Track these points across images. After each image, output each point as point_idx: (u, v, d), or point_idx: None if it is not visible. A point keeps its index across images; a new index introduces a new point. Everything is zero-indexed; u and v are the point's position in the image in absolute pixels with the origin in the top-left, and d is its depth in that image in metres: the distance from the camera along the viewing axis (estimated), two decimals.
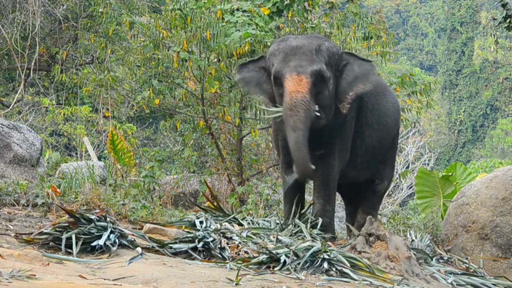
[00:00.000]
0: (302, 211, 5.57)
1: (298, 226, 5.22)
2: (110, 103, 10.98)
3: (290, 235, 5.08)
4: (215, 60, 8.05)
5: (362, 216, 6.07)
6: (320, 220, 5.39)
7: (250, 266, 4.23)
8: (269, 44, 7.55)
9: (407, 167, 19.07)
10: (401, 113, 6.77)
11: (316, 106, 5.12)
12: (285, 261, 4.27)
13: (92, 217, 4.51)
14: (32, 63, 12.24)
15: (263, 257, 4.33)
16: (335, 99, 5.33)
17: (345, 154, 5.64)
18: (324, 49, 5.25)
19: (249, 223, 5.51)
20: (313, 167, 5.06)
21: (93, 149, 11.83)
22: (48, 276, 3.41)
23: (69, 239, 4.28)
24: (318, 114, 5.11)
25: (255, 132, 8.35)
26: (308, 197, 7.36)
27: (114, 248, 4.29)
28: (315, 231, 5.20)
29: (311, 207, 5.70)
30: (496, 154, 28.80)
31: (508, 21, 12.51)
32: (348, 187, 6.30)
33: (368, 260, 4.57)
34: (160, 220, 5.69)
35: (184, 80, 8.37)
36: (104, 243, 4.29)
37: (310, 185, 7.87)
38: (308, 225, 5.28)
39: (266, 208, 7.46)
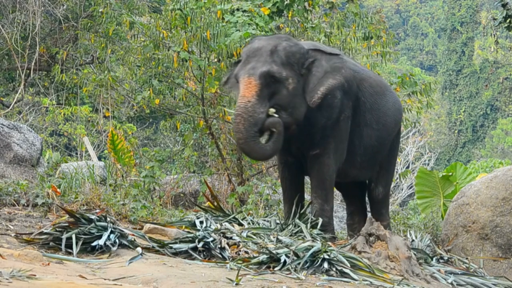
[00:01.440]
0: (302, 211, 5.57)
1: (298, 226, 5.22)
2: (110, 103, 10.98)
3: (290, 235, 5.07)
4: (215, 60, 8.05)
5: None
6: (320, 220, 5.39)
7: (250, 266, 4.23)
8: None
9: (407, 167, 19.07)
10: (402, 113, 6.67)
11: (272, 109, 5.20)
12: (285, 261, 4.26)
13: (92, 217, 4.51)
14: (32, 63, 12.23)
15: (263, 257, 4.33)
16: (306, 96, 5.33)
17: (341, 154, 5.63)
18: (281, 49, 5.28)
19: (249, 223, 5.50)
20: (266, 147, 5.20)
21: (93, 149, 11.83)
22: (48, 276, 3.41)
23: (69, 239, 4.28)
24: (276, 115, 5.19)
25: None
26: (308, 197, 7.36)
27: (114, 248, 4.29)
28: (315, 231, 5.20)
29: (310, 206, 5.68)
30: (496, 154, 28.80)
31: (508, 21, 12.50)
32: (350, 186, 6.30)
33: (368, 260, 4.57)
34: (160, 220, 5.69)
35: (184, 80, 8.37)
36: (104, 243, 4.29)
37: (308, 185, 7.87)
38: (309, 225, 5.28)
39: (266, 208, 7.46)
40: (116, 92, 9.53)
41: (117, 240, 4.36)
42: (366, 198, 6.42)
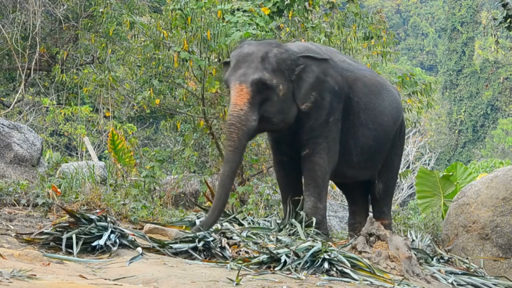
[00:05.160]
0: (297, 210, 5.55)
1: (295, 226, 5.22)
2: (110, 103, 10.98)
3: (289, 235, 5.08)
4: (216, 60, 8.06)
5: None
6: (314, 220, 5.37)
7: (251, 266, 4.24)
8: None
9: (408, 167, 19.06)
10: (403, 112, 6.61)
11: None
12: (285, 261, 4.27)
13: (93, 217, 4.51)
14: (33, 63, 12.23)
15: (263, 257, 4.33)
16: (297, 101, 5.37)
17: (334, 154, 5.62)
18: (272, 55, 5.28)
19: (249, 223, 5.51)
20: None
21: (94, 149, 11.84)
22: (49, 276, 3.41)
23: (69, 239, 4.28)
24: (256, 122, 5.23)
25: None
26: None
27: (115, 248, 4.29)
28: (311, 231, 5.20)
29: (303, 204, 5.64)
30: (496, 154, 28.80)
31: (508, 21, 12.49)
32: (351, 186, 6.30)
33: (369, 260, 4.57)
34: (160, 220, 5.69)
35: (184, 80, 8.37)
36: (105, 243, 4.29)
37: None
38: (303, 224, 5.26)
39: (267, 208, 7.46)
40: (117, 92, 9.53)
41: (117, 240, 4.36)
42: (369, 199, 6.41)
